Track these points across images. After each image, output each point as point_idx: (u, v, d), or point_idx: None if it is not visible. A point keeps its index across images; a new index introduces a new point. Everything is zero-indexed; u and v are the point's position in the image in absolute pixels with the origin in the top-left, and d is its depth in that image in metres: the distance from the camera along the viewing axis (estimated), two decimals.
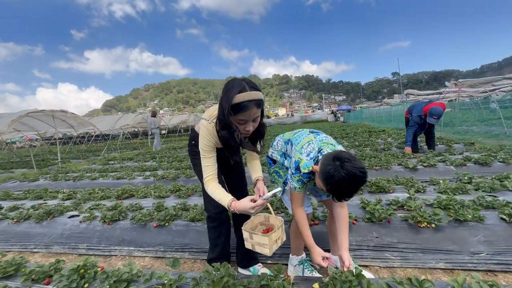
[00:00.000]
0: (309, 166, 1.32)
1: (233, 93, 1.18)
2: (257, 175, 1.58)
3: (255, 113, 1.25)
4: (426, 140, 4.98)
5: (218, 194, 1.40)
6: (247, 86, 1.20)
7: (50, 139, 20.66)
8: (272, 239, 1.25)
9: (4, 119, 7.82)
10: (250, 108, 1.20)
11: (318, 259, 1.39)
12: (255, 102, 1.20)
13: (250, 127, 1.30)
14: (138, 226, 2.37)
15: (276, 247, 1.29)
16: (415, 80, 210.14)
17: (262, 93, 1.28)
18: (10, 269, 1.64)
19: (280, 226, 1.32)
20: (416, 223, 1.89)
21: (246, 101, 1.18)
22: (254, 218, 1.45)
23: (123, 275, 1.40)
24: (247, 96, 1.18)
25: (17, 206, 3.22)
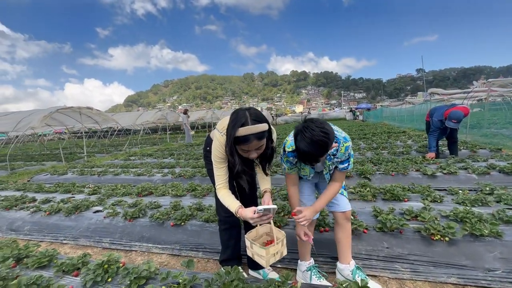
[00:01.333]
0: (292, 145, 1.43)
1: (236, 126, 1.28)
2: (265, 186, 1.63)
3: (256, 144, 1.33)
4: (448, 144, 4.77)
5: (227, 201, 1.50)
6: (249, 119, 1.28)
7: (77, 133, 21.88)
8: (269, 253, 1.29)
9: (36, 115, 8.41)
10: (251, 141, 1.29)
11: (300, 233, 1.55)
12: (255, 136, 1.28)
13: (254, 155, 1.39)
14: (156, 224, 2.51)
15: (273, 260, 1.33)
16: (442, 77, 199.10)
17: (266, 124, 1.33)
18: (44, 260, 1.82)
19: (281, 240, 1.36)
20: (429, 235, 1.86)
21: (247, 135, 1.27)
22: (260, 227, 1.53)
23: (142, 272, 1.52)
24: (248, 130, 1.26)
25: (49, 199, 3.50)
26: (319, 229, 2.09)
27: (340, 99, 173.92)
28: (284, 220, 2.24)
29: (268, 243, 1.48)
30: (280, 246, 1.36)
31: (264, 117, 1.36)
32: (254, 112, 1.33)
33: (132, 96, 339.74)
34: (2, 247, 2.03)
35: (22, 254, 1.91)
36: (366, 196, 2.75)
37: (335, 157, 1.46)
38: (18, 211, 3.18)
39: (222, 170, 1.55)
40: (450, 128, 4.29)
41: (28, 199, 3.58)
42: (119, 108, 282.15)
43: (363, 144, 7.06)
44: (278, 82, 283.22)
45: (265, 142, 1.38)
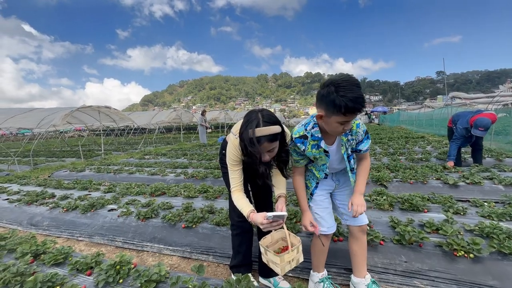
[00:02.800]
0: (299, 131, 1.42)
1: (248, 127, 1.28)
2: (280, 191, 1.58)
3: (267, 147, 1.31)
4: (472, 151, 4.52)
5: (240, 204, 1.51)
6: (261, 121, 1.28)
7: (96, 130, 22.69)
8: (284, 260, 1.25)
9: (58, 113, 8.78)
10: (262, 143, 1.28)
11: (306, 223, 1.49)
12: (266, 138, 1.28)
13: (266, 157, 1.38)
14: (168, 225, 2.52)
15: (289, 268, 1.28)
16: (464, 80, 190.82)
17: (278, 127, 1.32)
18: (60, 257, 1.87)
19: (296, 247, 1.31)
20: (451, 250, 1.75)
21: (258, 136, 1.26)
22: (275, 233, 1.48)
23: (152, 276, 1.52)
24: (259, 132, 1.26)
25: (67, 196, 3.62)
26: (333, 238, 2.02)
27: None
28: (297, 227, 2.19)
29: (283, 249, 1.44)
30: (296, 253, 1.31)
31: (277, 119, 1.34)
32: (266, 113, 1.33)
33: (148, 95, 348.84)
34: (21, 242, 2.10)
35: (39, 250, 1.97)
36: (383, 205, 2.64)
37: (351, 135, 1.41)
38: (38, 206, 3.31)
39: (236, 173, 1.55)
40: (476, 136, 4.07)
41: (47, 195, 3.72)
42: (135, 107, 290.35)
43: (379, 149, 6.85)
44: (291, 84, 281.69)
45: (277, 145, 1.36)
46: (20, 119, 9.86)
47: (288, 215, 2.40)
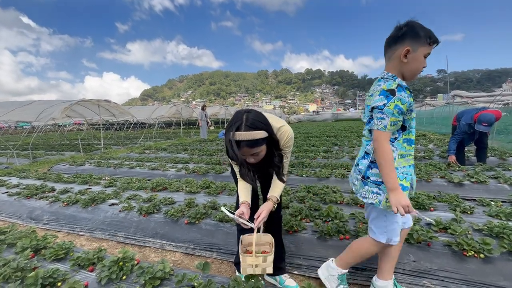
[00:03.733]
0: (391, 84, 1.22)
1: (229, 129, 1.23)
2: (272, 193, 1.54)
3: (247, 151, 1.26)
4: (476, 150, 4.47)
5: (240, 193, 1.52)
6: (243, 125, 1.21)
7: (95, 124, 22.57)
8: (246, 261, 1.26)
9: (57, 106, 8.69)
10: (241, 148, 1.23)
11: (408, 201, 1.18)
12: (246, 143, 1.22)
13: (251, 159, 1.32)
14: (171, 221, 2.49)
15: (251, 272, 1.27)
16: (464, 79, 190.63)
17: (262, 132, 1.24)
18: (61, 252, 1.82)
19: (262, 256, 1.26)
20: (461, 250, 1.72)
21: (237, 140, 1.21)
22: (263, 235, 1.44)
23: (157, 273, 1.48)
24: (239, 136, 1.20)
25: (67, 190, 3.57)
26: (339, 236, 1.99)
27: (355, 99, 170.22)
28: (302, 224, 2.15)
29: (264, 252, 1.40)
30: (261, 261, 1.25)
31: (263, 124, 1.26)
32: (252, 117, 1.25)
33: (148, 90, 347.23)
34: (21, 236, 2.06)
35: (40, 245, 1.93)
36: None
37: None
38: (38, 200, 3.26)
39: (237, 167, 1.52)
40: (480, 132, 4.03)
41: (47, 188, 3.68)
42: (135, 102, 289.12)
43: None
44: (292, 80, 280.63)
45: (261, 150, 1.29)
46: (19, 112, 9.77)
47: (292, 212, 2.37)
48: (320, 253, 1.91)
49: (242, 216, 1.39)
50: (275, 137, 1.34)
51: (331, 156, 5.65)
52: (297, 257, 1.92)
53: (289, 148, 1.50)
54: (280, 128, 1.43)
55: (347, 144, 7.57)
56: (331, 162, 4.75)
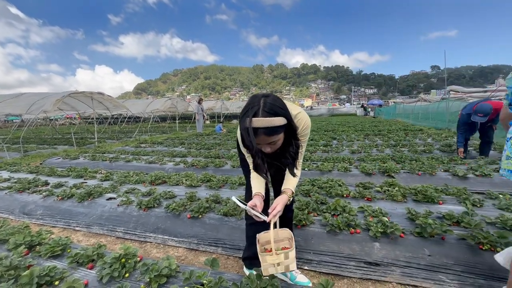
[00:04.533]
0: None
1: (245, 115, 1.10)
2: (286, 186, 1.43)
3: (265, 139, 1.14)
4: (480, 144, 4.44)
5: (252, 183, 1.43)
6: (260, 110, 1.09)
7: (88, 118, 22.09)
8: (266, 261, 1.16)
9: (48, 98, 8.40)
10: (259, 135, 1.11)
11: None
12: (263, 130, 1.10)
13: (268, 149, 1.21)
14: (172, 215, 2.39)
15: (274, 271, 1.18)
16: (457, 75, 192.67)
17: (281, 119, 1.12)
18: (58, 248, 1.71)
19: (283, 252, 1.16)
20: (476, 244, 1.67)
21: (254, 128, 1.08)
22: (281, 231, 1.36)
23: (162, 270, 1.39)
24: (256, 122, 1.08)
25: (61, 184, 3.43)
26: (349, 230, 1.93)
27: (350, 94, 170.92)
28: (310, 218, 2.08)
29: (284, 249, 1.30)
30: (283, 258, 1.16)
31: (282, 109, 1.15)
32: (270, 102, 1.12)
33: (141, 84, 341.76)
34: (14, 232, 1.94)
35: (34, 241, 1.82)
36: (396, 196, 2.55)
37: None
38: (31, 194, 3.12)
39: (250, 158, 1.42)
40: (482, 124, 4.01)
41: (40, 182, 3.52)
42: (128, 96, 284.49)
43: (379, 141, 6.80)
44: (287, 75, 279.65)
45: (279, 138, 1.19)
46: (9, 104, 9.43)
47: (299, 206, 2.29)
48: (330, 248, 1.84)
49: (255, 208, 1.29)
50: (294, 124, 1.22)
51: (330, 150, 5.59)
52: (307, 252, 1.85)
53: (305, 137, 1.39)
54: (297, 115, 1.31)
55: (345, 138, 7.53)
56: (332, 156, 4.69)
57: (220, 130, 11.97)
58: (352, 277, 1.69)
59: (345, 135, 8.16)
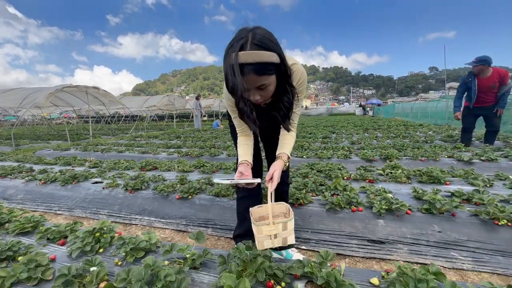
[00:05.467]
0: None
1: (230, 50, 0.89)
2: (281, 150, 1.26)
3: (254, 80, 0.93)
4: (485, 133, 4.22)
5: (239, 151, 1.29)
6: (248, 43, 0.88)
7: (84, 117, 21.89)
8: (261, 232, 1.00)
9: (41, 92, 8.21)
10: (246, 74, 0.90)
11: None
12: (252, 67, 0.89)
13: (256, 96, 1.00)
14: (160, 197, 2.22)
15: (270, 245, 1.01)
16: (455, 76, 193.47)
17: (272, 54, 0.91)
18: (28, 225, 1.55)
19: (281, 222, 1.01)
20: (491, 219, 1.52)
21: (241, 64, 0.87)
22: (276, 205, 1.18)
23: (140, 243, 1.22)
24: (243, 57, 0.87)
25: (46, 170, 3.25)
26: (350, 207, 1.77)
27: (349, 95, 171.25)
28: (308, 197, 1.91)
29: None
30: (281, 229, 1.01)
31: (275, 44, 0.94)
32: (260, 33, 0.91)
33: (140, 84, 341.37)
34: None
35: (4, 219, 1.65)
36: (399, 178, 2.39)
37: None
38: (13, 179, 2.94)
39: (237, 119, 1.26)
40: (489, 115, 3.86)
41: (25, 169, 3.35)
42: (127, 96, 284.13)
43: (380, 134, 6.65)
44: None
45: (271, 83, 0.98)
46: (1, 98, 9.23)
47: (297, 186, 2.13)
48: (330, 226, 1.68)
49: (243, 176, 1.12)
50: (288, 66, 1.01)
51: (330, 141, 5.44)
52: (305, 231, 1.69)
53: (301, 93, 1.20)
54: (292, 66, 1.11)
55: (344, 132, 7.39)
56: (331, 145, 4.54)
57: (217, 126, 11.80)
58: (355, 256, 1.53)
59: (344, 130, 8.01)
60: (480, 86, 3.86)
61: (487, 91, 3.83)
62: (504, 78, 3.69)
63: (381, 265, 1.46)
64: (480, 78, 3.85)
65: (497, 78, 3.71)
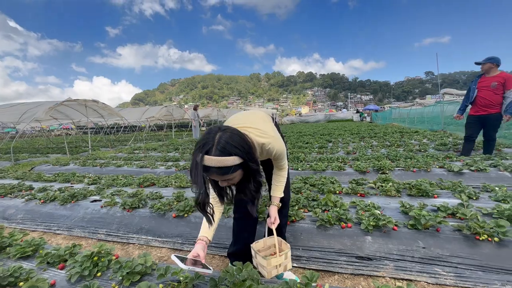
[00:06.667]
0: None
1: (198, 150, 1.03)
2: (273, 193, 1.52)
3: (217, 177, 1.09)
4: (483, 143, 4.28)
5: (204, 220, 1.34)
6: (213, 148, 1.01)
7: (83, 128, 21.98)
8: (271, 264, 1.29)
9: (41, 106, 8.33)
10: (211, 173, 1.05)
11: None
12: (215, 170, 1.03)
13: (223, 183, 1.15)
14: (157, 215, 2.28)
15: (276, 273, 1.34)
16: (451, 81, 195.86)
17: (234, 158, 1.03)
18: (29, 249, 1.60)
19: (284, 253, 1.35)
20: (473, 234, 1.59)
21: (205, 165, 1.01)
22: (267, 239, 1.52)
23: (136, 267, 1.28)
24: (207, 161, 1.00)
25: (46, 188, 3.31)
26: (340, 224, 1.83)
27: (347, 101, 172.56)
28: (300, 214, 1.98)
29: (274, 255, 1.41)
30: (284, 259, 1.35)
31: (237, 148, 1.04)
32: (225, 139, 1.03)
33: (139, 94, 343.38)
34: None
35: (5, 243, 1.70)
36: (389, 191, 2.47)
37: None
38: (13, 198, 3.00)
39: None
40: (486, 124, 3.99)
41: (24, 187, 3.40)
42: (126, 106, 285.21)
43: (375, 142, 6.75)
44: (284, 83, 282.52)
45: (235, 176, 1.10)
46: (1, 113, 9.33)
47: (290, 202, 2.19)
48: (320, 243, 1.74)
49: (198, 259, 1.18)
50: (252, 164, 1.11)
51: (325, 151, 5.52)
52: (296, 248, 1.75)
53: (280, 160, 1.41)
54: (265, 145, 1.26)
55: (341, 141, 7.48)
56: (326, 156, 4.62)
57: None
58: (343, 273, 1.59)
59: (341, 138, 8.11)
60: (481, 84, 3.97)
61: (487, 90, 3.89)
62: (508, 80, 3.73)
63: (368, 281, 1.52)
64: (483, 77, 3.98)
65: (501, 79, 3.78)
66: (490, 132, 4.07)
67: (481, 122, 4.10)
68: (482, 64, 3.96)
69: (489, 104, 3.93)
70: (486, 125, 4.06)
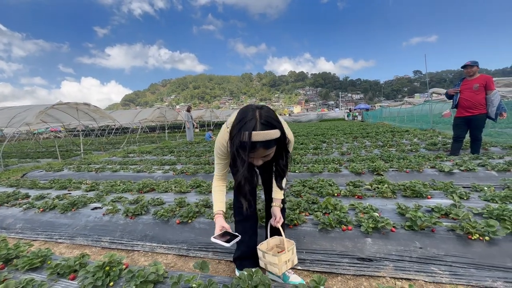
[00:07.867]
0: None
1: (242, 129, 1.09)
2: (275, 196, 1.59)
3: (261, 153, 1.16)
4: (470, 143, 4.49)
5: (214, 197, 1.50)
6: (258, 123, 1.08)
7: (73, 130, 21.53)
8: (281, 260, 1.36)
9: (31, 110, 8.14)
10: (257, 149, 1.12)
11: None
12: (262, 144, 1.10)
13: (259, 162, 1.24)
14: (161, 222, 2.31)
15: (286, 268, 1.40)
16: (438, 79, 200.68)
17: (277, 131, 1.13)
18: (37, 261, 1.62)
19: (291, 249, 1.44)
20: (465, 234, 1.69)
21: (253, 142, 1.08)
22: (271, 239, 1.60)
23: (149, 276, 1.32)
24: (255, 136, 1.07)
25: (43, 196, 3.28)
26: (341, 227, 1.91)
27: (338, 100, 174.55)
28: (302, 218, 2.05)
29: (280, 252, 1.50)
30: (291, 254, 1.44)
31: (277, 121, 1.16)
32: (265, 114, 1.12)
33: (129, 95, 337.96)
34: None
35: (11, 255, 1.71)
36: (385, 193, 2.57)
37: None
38: (10, 208, 2.96)
39: (221, 165, 1.48)
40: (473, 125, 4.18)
41: (21, 195, 3.36)
42: (116, 107, 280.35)
43: (368, 142, 6.91)
44: (276, 83, 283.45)
45: (273, 151, 1.20)
46: None
47: (290, 206, 2.26)
48: (323, 246, 1.81)
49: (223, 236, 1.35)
50: (287, 136, 1.23)
51: (320, 152, 5.63)
52: (299, 252, 1.81)
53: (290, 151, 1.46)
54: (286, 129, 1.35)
55: (335, 141, 7.62)
56: (322, 158, 4.72)
57: (209, 138, 11.89)
58: (346, 274, 1.67)
59: (335, 138, 8.25)
60: (464, 87, 4.24)
61: (469, 91, 4.15)
62: (489, 82, 4.04)
63: (370, 282, 1.60)
64: (465, 80, 4.25)
65: (482, 80, 4.06)
66: (476, 132, 4.27)
67: (467, 123, 4.31)
68: (470, 67, 4.14)
69: (473, 106, 4.16)
70: (471, 126, 4.27)
